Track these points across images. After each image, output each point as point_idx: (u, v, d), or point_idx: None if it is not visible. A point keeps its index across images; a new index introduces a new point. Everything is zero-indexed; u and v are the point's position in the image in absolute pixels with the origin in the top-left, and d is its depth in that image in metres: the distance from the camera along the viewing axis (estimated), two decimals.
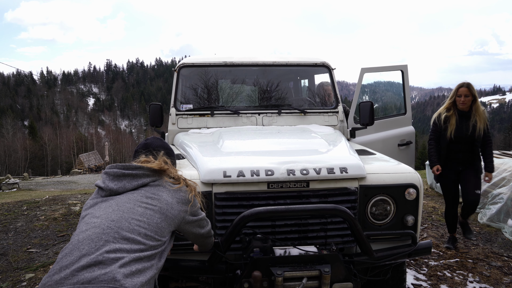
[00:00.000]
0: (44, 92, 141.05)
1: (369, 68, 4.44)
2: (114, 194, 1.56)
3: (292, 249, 2.14)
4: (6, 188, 14.41)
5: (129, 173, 1.58)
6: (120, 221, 1.42)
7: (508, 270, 3.80)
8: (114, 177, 1.58)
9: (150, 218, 1.49)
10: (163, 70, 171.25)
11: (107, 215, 1.45)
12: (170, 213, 1.56)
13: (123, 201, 1.51)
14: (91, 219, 1.45)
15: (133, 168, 1.60)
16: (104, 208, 1.49)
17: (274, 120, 3.62)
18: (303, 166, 2.26)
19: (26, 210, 6.91)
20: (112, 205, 1.50)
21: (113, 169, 1.60)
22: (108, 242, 1.33)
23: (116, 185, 1.56)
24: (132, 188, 1.57)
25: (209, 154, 2.52)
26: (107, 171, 1.62)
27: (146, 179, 1.60)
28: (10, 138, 62.71)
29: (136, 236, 1.40)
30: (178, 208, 1.61)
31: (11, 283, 3.73)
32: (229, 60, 3.80)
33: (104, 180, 1.59)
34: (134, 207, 1.49)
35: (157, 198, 1.56)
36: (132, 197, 1.54)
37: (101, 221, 1.42)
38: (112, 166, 1.62)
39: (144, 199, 1.54)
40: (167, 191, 1.61)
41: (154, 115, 3.74)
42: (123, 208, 1.48)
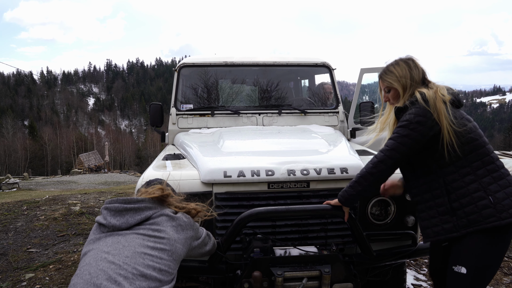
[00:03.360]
0: (44, 92, 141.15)
1: (369, 68, 4.45)
2: (117, 230, 1.51)
3: (292, 249, 2.14)
4: (6, 188, 14.41)
5: (131, 207, 1.54)
6: (135, 257, 1.39)
7: (508, 270, 3.81)
8: (115, 213, 1.53)
9: (161, 252, 1.46)
10: (163, 70, 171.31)
11: (118, 251, 1.40)
12: (178, 247, 1.54)
13: (131, 237, 1.47)
14: (100, 254, 1.41)
15: (134, 201, 1.56)
16: (111, 244, 1.44)
17: (274, 120, 3.62)
18: (304, 167, 2.26)
19: (26, 210, 6.90)
20: (121, 241, 1.45)
21: (114, 204, 1.55)
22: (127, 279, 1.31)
23: (118, 220, 1.51)
24: (135, 223, 1.52)
25: (210, 154, 2.52)
26: (108, 206, 1.56)
27: (149, 212, 1.56)
28: (10, 138, 62.74)
29: (152, 272, 1.38)
30: (184, 236, 1.60)
31: (11, 283, 3.73)
32: (230, 60, 3.80)
33: (106, 216, 1.54)
34: (143, 242, 1.45)
35: (163, 231, 1.52)
36: (139, 232, 1.50)
37: (113, 257, 1.37)
38: (112, 201, 1.57)
39: (151, 232, 1.50)
40: (171, 222, 1.57)
41: (154, 115, 3.75)
42: (133, 244, 1.44)
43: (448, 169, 1.87)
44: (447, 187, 1.88)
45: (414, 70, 1.99)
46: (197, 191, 2.21)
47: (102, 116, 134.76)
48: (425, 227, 1.96)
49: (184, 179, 2.25)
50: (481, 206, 1.81)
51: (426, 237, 1.96)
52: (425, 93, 1.88)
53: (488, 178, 1.85)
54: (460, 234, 1.84)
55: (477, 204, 1.82)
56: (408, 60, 2.02)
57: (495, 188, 1.83)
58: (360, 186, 1.95)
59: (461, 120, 1.88)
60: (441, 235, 1.88)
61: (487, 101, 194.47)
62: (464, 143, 1.85)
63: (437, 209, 1.90)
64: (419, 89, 1.92)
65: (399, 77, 1.98)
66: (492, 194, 1.82)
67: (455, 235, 1.85)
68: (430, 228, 1.93)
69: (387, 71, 2.04)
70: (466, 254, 1.86)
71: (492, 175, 1.85)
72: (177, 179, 2.25)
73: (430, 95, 1.86)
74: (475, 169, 1.86)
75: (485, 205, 1.81)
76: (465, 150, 1.86)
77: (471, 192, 1.84)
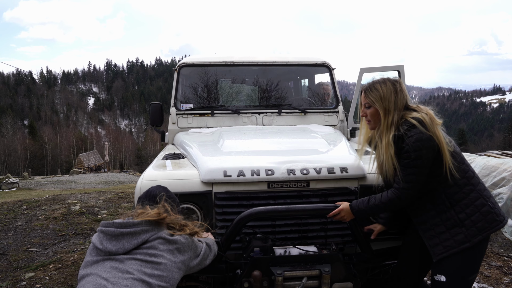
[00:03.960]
0: (44, 91, 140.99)
1: (368, 68, 4.46)
2: (113, 255, 1.49)
3: (292, 249, 2.14)
4: (6, 187, 14.40)
5: (127, 232, 1.50)
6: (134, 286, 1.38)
7: (508, 270, 3.81)
8: (111, 237, 1.50)
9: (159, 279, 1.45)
10: (163, 69, 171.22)
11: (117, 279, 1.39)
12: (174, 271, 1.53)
13: (129, 263, 1.45)
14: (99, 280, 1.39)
15: (131, 225, 1.52)
16: (110, 271, 1.43)
17: (274, 120, 3.62)
18: (303, 166, 2.26)
19: (26, 210, 6.90)
20: (118, 268, 1.44)
21: (110, 228, 1.51)
22: None
23: (115, 246, 1.48)
24: (131, 248, 1.49)
25: (209, 154, 2.52)
26: (104, 229, 1.53)
27: (145, 235, 1.53)
28: (10, 138, 62.69)
29: None
30: (182, 259, 1.58)
31: (11, 282, 3.73)
32: (230, 60, 3.80)
33: (101, 240, 1.51)
34: (141, 269, 1.44)
35: (160, 255, 1.51)
36: (136, 257, 1.48)
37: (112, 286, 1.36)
38: (108, 224, 1.53)
39: (148, 257, 1.48)
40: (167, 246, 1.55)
41: (154, 114, 3.75)
42: (131, 271, 1.43)
43: (447, 183, 1.91)
44: (450, 201, 1.91)
45: (399, 94, 1.97)
46: (197, 191, 2.21)
47: (102, 116, 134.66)
48: (434, 244, 1.95)
49: (184, 179, 2.26)
50: (484, 212, 1.88)
51: (437, 254, 1.93)
52: (421, 117, 1.88)
53: (480, 185, 1.95)
54: (472, 244, 1.87)
55: (481, 211, 1.88)
56: (395, 83, 2.00)
57: (487, 194, 1.95)
58: (380, 211, 2.03)
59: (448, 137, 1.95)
60: (454, 247, 1.89)
61: (487, 100, 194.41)
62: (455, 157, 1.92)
63: (444, 224, 1.92)
64: (411, 115, 1.92)
65: (382, 98, 1.96)
66: (489, 199, 1.93)
67: (468, 245, 1.87)
68: (441, 244, 1.92)
69: (373, 88, 2.01)
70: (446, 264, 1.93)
71: (480, 182, 1.96)
72: (177, 179, 2.25)
73: (427, 120, 1.88)
74: (470, 178, 1.94)
75: (488, 211, 1.89)
76: (457, 163, 1.92)
77: (472, 201, 1.90)
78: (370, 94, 2.01)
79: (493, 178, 5.55)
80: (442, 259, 1.93)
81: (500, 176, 5.47)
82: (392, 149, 1.94)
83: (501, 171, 5.55)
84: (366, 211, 2.01)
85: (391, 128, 1.95)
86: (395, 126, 1.94)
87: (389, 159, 1.95)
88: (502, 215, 1.94)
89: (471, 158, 6.61)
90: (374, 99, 1.98)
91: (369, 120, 2.06)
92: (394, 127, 1.94)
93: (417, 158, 1.84)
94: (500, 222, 1.90)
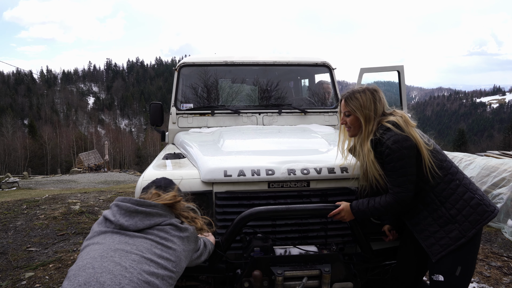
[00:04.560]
0: (44, 91, 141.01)
1: (368, 68, 4.46)
2: (124, 230, 1.48)
3: (293, 249, 2.14)
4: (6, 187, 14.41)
5: (142, 210, 1.50)
6: (141, 262, 1.37)
7: (508, 270, 3.81)
8: (126, 212, 1.50)
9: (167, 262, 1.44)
10: (163, 69, 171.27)
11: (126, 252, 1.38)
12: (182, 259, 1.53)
13: (139, 241, 1.44)
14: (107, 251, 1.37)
15: (147, 205, 1.53)
16: (118, 243, 1.42)
17: (274, 120, 3.62)
18: (304, 166, 2.26)
19: (25, 209, 6.90)
20: (128, 242, 1.43)
21: (126, 203, 1.51)
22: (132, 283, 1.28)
23: (127, 221, 1.48)
24: (143, 227, 1.49)
25: (210, 154, 2.52)
26: (119, 204, 1.52)
27: (158, 219, 1.53)
28: (10, 137, 62.70)
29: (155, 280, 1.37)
30: (188, 249, 1.59)
31: (11, 282, 3.73)
32: (230, 60, 3.80)
33: (115, 213, 1.50)
34: (151, 248, 1.43)
35: (171, 240, 1.51)
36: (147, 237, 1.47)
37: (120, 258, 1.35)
38: (125, 200, 1.53)
39: (158, 239, 1.48)
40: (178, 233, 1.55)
41: (154, 114, 3.75)
42: (141, 248, 1.42)
43: (434, 181, 1.94)
44: (439, 199, 1.94)
45: (378, 103, 2.03)
46: (197, 190, 2.21)
47: (102, 115, 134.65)
48: (430, 244, 1.96)
49: (184, 178, 2.25)
50: (474, 205, 1.91)
51: (435, 253, 1.94)
52: (395, 120, 1.95)
53: (465, 179, 1.98)
54: (467, 238, 1.88)
55: (470, 204, 1.91)
56: (374, 92, 2.06)
57: (474, 187, 1.97)
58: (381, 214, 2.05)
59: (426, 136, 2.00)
60: (451, 245, 1.90)
61: (487, 101, 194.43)
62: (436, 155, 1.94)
63: (437, 223, 1.94)
64: (386, 119, 1.98)
65: (362, 106, 2.01)
66: (476, 192, 1.95)
67: (464, 240, 1.88)
68: (437, 243, 1.94)
69: (353, 97, 2.06)
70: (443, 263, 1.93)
71: (465, 177, 1.99)
72: (178, 178, 2.25)
73: (401, 122, 1.94)
74: (454, 174, 1.96)
75: (477, 203, 1.91)
76: (440, 161, 1.94)
77: (461, 195, 1.92)
78: (350, 102, 2.06)
79: (493, 179, 5.55)
80: (440, 259, 1.93)
81: (500, 177, 5.47)
82: (372, 154, 1.99)
83: (501, 171, 5.55)
84: (366, 212, 2.03)
85: (371, 135, 2.01)
86: (374, 132, 2.01)
87: (372, 165, 1.99)
88: (493, 205, 1.96)
89: (471, 158, 6.61)
90: (355, 108, 2.04)
91: (349, 127, 2.11)
92: (373, 133, 2.01)
93: (400, 159, 1.88)
94: (492, 212, 1.92)
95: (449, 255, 1.91)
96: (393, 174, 1.92)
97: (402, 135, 1.90)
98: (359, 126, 2.06)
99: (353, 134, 2.13)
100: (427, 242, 1.97)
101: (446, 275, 1.92)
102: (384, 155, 1.93)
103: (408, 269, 2.19)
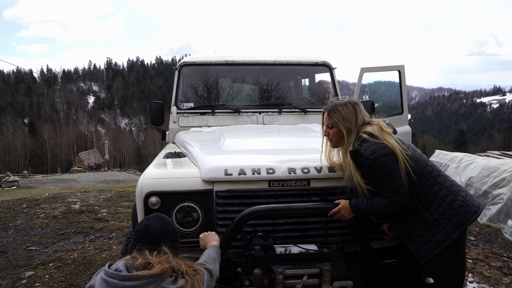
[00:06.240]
0: (44, 90, 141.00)
1: (368, 68, 4.46)
2: None
3: (293, 247, 2.15)
4: (6, 185, 14.41)
5: (131, 285, 1.49)
6: None
7: (508, 270, 3.81)
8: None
9: None
10: (163, 68, 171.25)
11: None
12: None
13: None
14: None
15: (134, 278, 1.51)
16: None
17: (274, 119, 3.62)
18: (304, 165, 2.27)
19: (26, 208, 6.91)
20: None
21: (114, 280, 1.50)
22: None
23: None
24: None
25: (210, 153, 2.53)
26: (107, 280, 1.52)
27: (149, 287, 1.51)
28: (10, 136, 62.70)
29: None
30: None
31: (11, 281, 3.74)
32: (230, 59, 3.80)
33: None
34: None
35: None
36: None
37: None
38: (112, 275, 1.52)
39: None
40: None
41: (155, 113, 3.75)
42: None
43: (415, 187, 1.98)
44: (422, 204, 1.99)
45: (359, 115, 2.10)
46: (198, 189, 2.21)
47: (102, 115, 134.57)
48: (418, 248, 2.00)
49: (185, 177, 2.26)
50: (456, 207, 1.95)
51: (423, 257, 1.98)
52: (370, 130, 2.01)
53: (447, 182, 2.02)
54: (452, 240, 1.93)
55: (453, 207, 1.95)
56: (355, 105, 2.13)
57: (456, 189, 2.01)
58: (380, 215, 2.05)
59: (406, 142, 2.03)
60: (436, 248, 1.94)
61: (487, 101, 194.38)
62: (416, 160, 1.98)
63: (422, 227, 1.99)
64: (363, 130, 2.05)
65: (345, 119, 2.08)
66: (458, 194, 1.99)
67: (448, 242, 1.93)
68: (423, 247, 1.98)
69: (335, 110, 2.12)
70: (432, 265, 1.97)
71: (447, 179, 2.03)
72: (178, 177, 2.25)
73: (376, 131, 2.00)
74: (436, 177, 2.01)
75: (459, 205, 1.95)
76: (420, 166, 1.99)
77: (443, 199, 1.97)
78: (333, 115, 2.12)
79: (493, 179, 5.56)
80: (428, 262, 1.97)
81: (500, 177, 5.47)
82: (353, 165, 2.05)
83: (501, 171, 5.56)
84: (365, 211, 2.04)
85: (350, 145, 2.08)
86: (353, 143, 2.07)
87: (354, 172, 2.05)
88: (476, 205, 1.99)
89: (471, 158, 6.62)
90: (337, 120, 2.10)
91: (331, 139, 2.18)
92: (352, 144, 2.08)
93: (382, 166, 1.93)
94: (475, 213, 1.96)
95: (436, 258, 1.95)
96: (381, 181, 1.96)
97: (378, 144, 1.96)
98: (342, 137, 2.13)
99: (335, 146, 2.20)
100: (414, 246, 2.02)
101: (435, 278, 1.97)
102: (366, 166, 1.98)
103: (406, 268, 2.20)
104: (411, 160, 1.97)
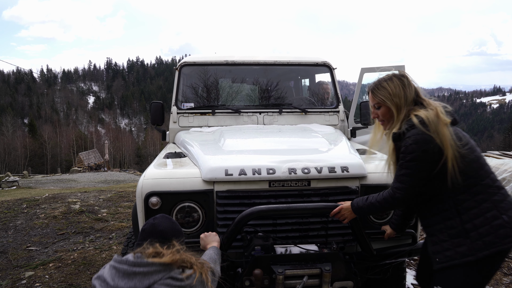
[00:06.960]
0: (44, 90, 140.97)
1: (369, 68, 4.46)
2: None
3: (293, 248, 2.15)
4: (6, 186, 14.42)
5: (140, 271, 1.49)
6: None
7: (508, 270, 3.81)
8: (124, 275, 1.49)
9: None
10: (163, 68, 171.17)
11: None
12: None
13: None
14: None
15: (144, 265, 1.51)
16: None
17: (275, 119, 3.62)
18: (305, 165, 2.27)
19: (25, 208, 6.91)
20: None
21: (123, 266, 1.51)
22: None
23: (126, 284, 1.47)
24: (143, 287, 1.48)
25: (211, 153, 2.53)
26: (116, 266, 1.52)
27: (157, 276, 1.51)
28: (10, 136, 62.72)
29: None
30: None
31: (11, 281, 3.74)
32: (231, 59, 3.80)
33: (113, 276, 1.50)
34: None
35: None
36: None
37: None
38: (122, 261, 1.52)
39: None
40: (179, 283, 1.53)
41: (155, 113, 3.75)
42: None
43: (456, 188, 1.74)
44: (457, 208, 1.74)
45: (408, 88, 1.84)
46: (198, 189, 2.21)
47: (102, 115, 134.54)
48: (436, 252, 1.81)
49: (185, 177, 2.26)
50: (496, 226, 1.69)
51: (437, 262, 1.79)
52: (424, 116, 1.73)
53: (499, 195, 1.74)
54: (476, 258, 1.69)
55: (492, 224, 1.69)
56: (402, 77, 1.87)
57: (507, 206, 1.72)
58: (377, 210, 1.93)
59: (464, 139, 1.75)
60: (455, 259, 1.72)
61: (487, 101, 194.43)
62: (470, 162, 1.73)
63: (447, 232, 1.76)
64: (415, 112, 1.78)
65: (392, 95, 1.84)
66: (505, 213, 1.70)
67: (471, 259, 1.69)
68: (442, 253, 1.77)
69: (380, 86, 1.88)
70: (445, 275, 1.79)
71: (501, 192, 1.75)
72: (179, 177, 2.25)
73: (431, 118, 1.72)
74: (486, 186, 1.74)
75: (500, 224, 1.68)
76: (472, 169, 1.74)
77: (484, 212, 1.71)
78: (378, 93, 1.89)
79: None
80: (442, 270, 1.77)
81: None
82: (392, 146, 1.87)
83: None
84: (364, 209, 1.96)
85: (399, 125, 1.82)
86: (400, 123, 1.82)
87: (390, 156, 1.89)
88: None
89: None
90: (384, 98, 1.86)
91: (382, 120, 1.93)
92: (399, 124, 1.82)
93: (412, 160, 1.73)
94: None
95: (451, 268, 1.74)
96: (400, 170, 1.79)
97: (425, 136, 1.70)
98: (392, 117, 1.86)
99: (388, 127, 1.93)
100: (433, 248, 1.82)
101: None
102: (402, 150, 1.78)
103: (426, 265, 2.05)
104: (462, 159, 1.70)
